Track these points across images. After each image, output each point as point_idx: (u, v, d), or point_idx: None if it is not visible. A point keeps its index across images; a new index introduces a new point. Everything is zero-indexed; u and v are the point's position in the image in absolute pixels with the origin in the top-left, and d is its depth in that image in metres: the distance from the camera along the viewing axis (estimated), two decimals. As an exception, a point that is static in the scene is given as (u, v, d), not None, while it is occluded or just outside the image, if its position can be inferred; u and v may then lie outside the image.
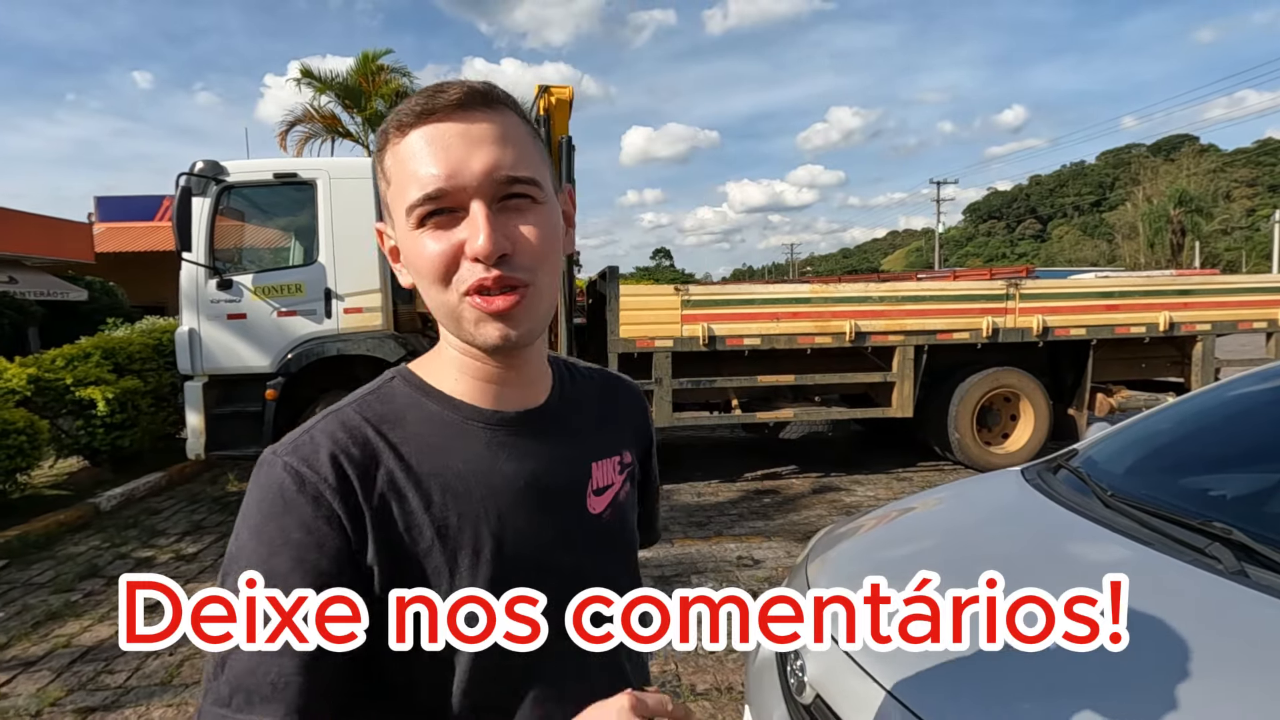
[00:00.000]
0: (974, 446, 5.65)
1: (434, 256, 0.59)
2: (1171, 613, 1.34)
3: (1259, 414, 2.10)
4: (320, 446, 0.60)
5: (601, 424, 0.77)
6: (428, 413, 0.66)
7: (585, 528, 0.70)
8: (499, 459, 0.65)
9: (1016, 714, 1.15)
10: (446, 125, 0.58)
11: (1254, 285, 5.89)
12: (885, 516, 2.11)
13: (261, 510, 0.58)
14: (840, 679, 1.40)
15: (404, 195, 0.59)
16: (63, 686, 2.80)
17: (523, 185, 0.60)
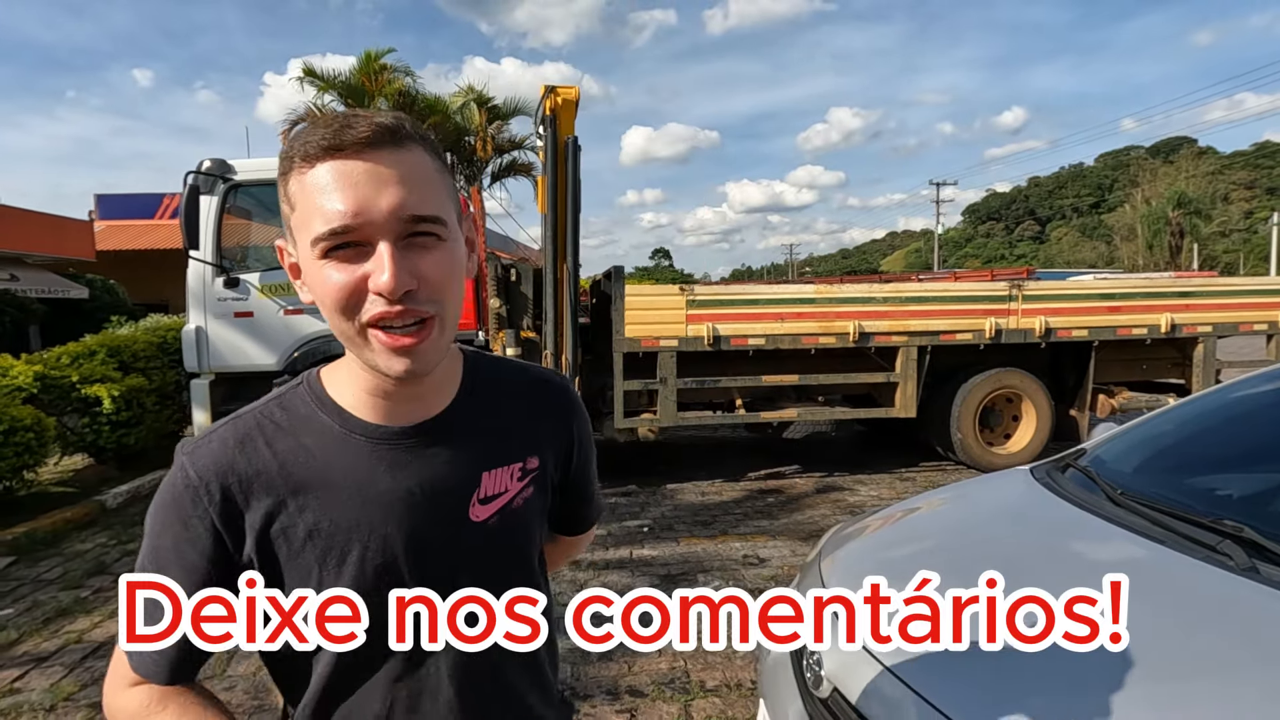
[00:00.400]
0: (976, 447, 5.68)
1: (338, 288, 0.61)
2: (1185, 608, 1.37)
3: (1264, 415, 2.13)
4: (213, 455, 0.68)
5: (507, 431, 0.80)
6: (319, 424, 0.71)
7: (463, 534, 0.74)
8: (377, 471, 0.70)
9: (1034, 707, 1.18)
10: (354, 163, 0.60)
11: (1255, 288, 5.92)
12: (897, 515, 2.13)
13: (161, 496, 0.69)
14: (858, 673, 1.42)
15: (309, 226, 0.61)
16: (75, 682, 2.82)
17: (428, 224, 0.63)
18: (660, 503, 5.09)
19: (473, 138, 11.93)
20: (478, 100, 11.99)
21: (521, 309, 5.60)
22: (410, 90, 11.58)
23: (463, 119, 11.90)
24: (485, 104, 12.06)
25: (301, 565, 0.69)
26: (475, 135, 11.80)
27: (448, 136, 11.38)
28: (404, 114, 0.67)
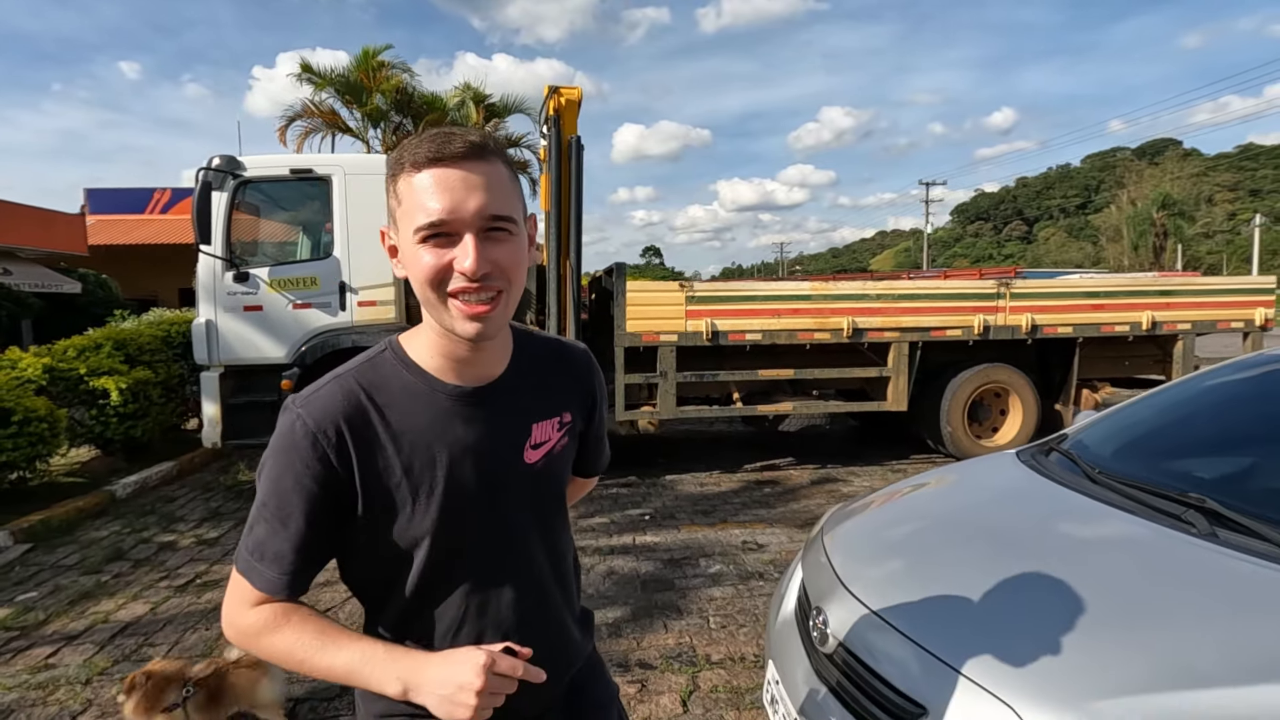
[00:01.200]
0: (965, 439, 5.87)
1: (430, 267, 0.78)
2: (1154, 567, 1.53)
3: (1231, 402, 2.31)
4: (325, 406, 0.83)
5: (548, 390, 0.97)
6: (405, 382, 0.87)
7: (519, 473, 0.92)
8: (453, 423, 0.87)
9: (1017, 649, 1.33)
10: (451, 171, 0.77)
11: (1232, 287, 6.14)
12: (894, 494, 2.29)
13: (278, 443, 0.83)
14: (861, 629, 1.58)
15: (413, 218, 0.78)
16: (107, 658, 2.93)
17: (502, 222, 0.79)
18: (661, 493, 5.24)
19: (470, 135, 12.06)
20: (475, 98, 12.09)
21: (525, 304, 5.73)
22: (408, 87, 11.64)
23: (460, 116, 11.99)
24: (482, 102, 12.16)
25: (399, 496, 0.84)
26: (472, 133, 11.92)
27: (445, 134, 11.48)
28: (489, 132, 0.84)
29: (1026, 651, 1.34)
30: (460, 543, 0.88)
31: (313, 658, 0.80)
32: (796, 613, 1.97)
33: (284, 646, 0.81)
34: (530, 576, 0.95)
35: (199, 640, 3.07)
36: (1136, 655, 1.26)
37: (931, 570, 1.74)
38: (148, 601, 3.48)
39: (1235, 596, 1.38)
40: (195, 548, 4.26)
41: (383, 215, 4.00)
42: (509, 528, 0.92)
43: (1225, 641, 1.27)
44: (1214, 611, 1.36)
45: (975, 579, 1.65)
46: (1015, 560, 1.69)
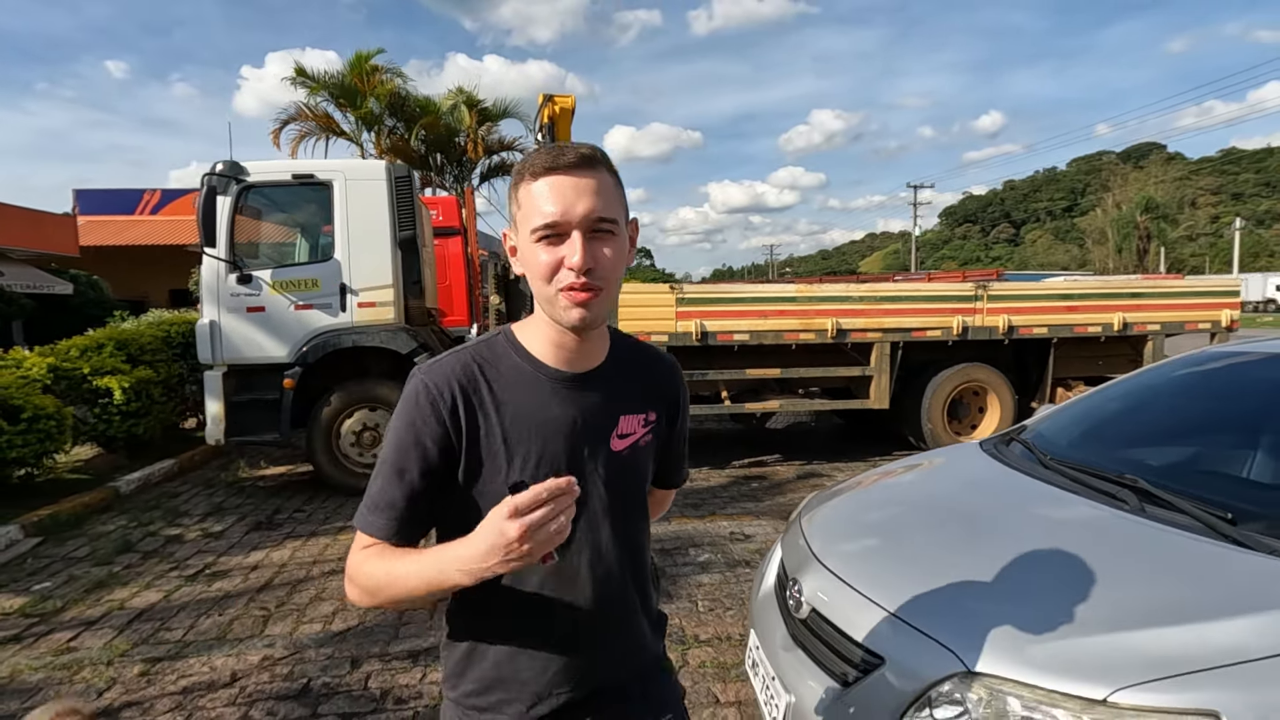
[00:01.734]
0: (945, 436, 6.09)
1: (545, 264, 0.89)
2: (1089, 538, 1.74)
3: (1173, 395, 2.53)
4: (445, 372, 0.95)
5: (637, 388, 1.05)
6: (513, 362, 0.98)
7: (605, 458, 1.00)
8: (553, 402, 0.97)
9: (965, 607, 1.53)
10: (564, 178, 0.88)
11: (1199, 289, 6.41)
12: (868, 480, 2.49)
13: (403, 404, 0.95)
14: (830, 594, 1.77)
15: (530, 220, 0.89)
16: (127, 641, 3.08)
17: (606, 224, 0.89)
18: (651, 488, 5.42)
19: (463, 138, 12.16)
20: (468, 102, 12.23)
21: (520, 305, 5.91)
22: (402, 91, 11.78)
23: (453, 120, 12.13)
24: (475, 106, 12.30)
25: (497, 460, 0.94)
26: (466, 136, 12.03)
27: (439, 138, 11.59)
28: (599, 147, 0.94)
29: (972, 608, 1.54)
30: None
31: (395, 576, 0.88)
32: (776, 587, 2.16)
33: (376, 570, 0.90)
34: (606, 563, 1.00)
35: (213, 625, 3.23)
36: (1066, 608, 1.46)
37: (895, 545, 1.94)
38: (160, 590, 3.63)
39: (1155, 559, 1.59)
40: (201, 540, 4.41)
41: (380, 220, 4.41)
42: (590, 508, 0.98)
43: (1142, 595, 1.47)
44: (1136, 572, 1.56)
45: (932, 551, 1.85)
46: (969, 535, 1.89)
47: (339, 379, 5.41)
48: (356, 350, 5.38)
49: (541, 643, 0.98)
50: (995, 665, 1.36)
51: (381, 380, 5.46)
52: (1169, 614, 1.38)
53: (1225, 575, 1.47)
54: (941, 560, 1.79)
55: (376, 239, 5.35)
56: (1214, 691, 1.19)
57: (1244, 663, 1.23)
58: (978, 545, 1.82)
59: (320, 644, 3.03)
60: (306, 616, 3.30)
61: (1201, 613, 1.35)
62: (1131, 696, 1.22)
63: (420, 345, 5.42)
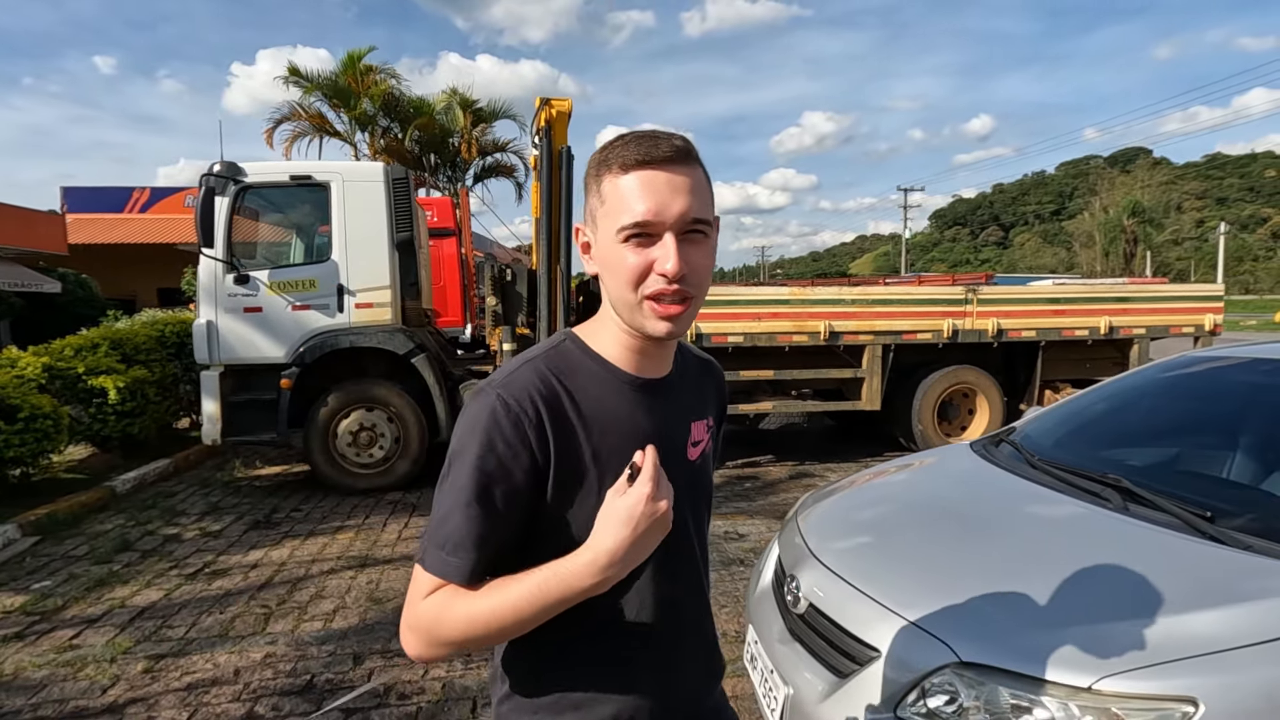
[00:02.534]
0: (936, 438, 6.18)
1: (633, 267, 0.79)
2: (1076, 535, 1.81)
3: (1156, 398, 2.61)
4: (524, 385, 0.82)
5: (699, 394, 1.01)
6: (591, 370, 0.88)
7: (684, 468, 0.93)
8: (636, 411, 0.88)
9: (957, 600, 1.60)
10: (658, 173, 0.78)
11: (1183, 294, 6.54)
12: (862, 479, 2.56)
13: (478, 425, 0.81)
14: (827, 589, 1.83)
15: (617, 217, 0.79)
16: (129, 639, 3.11)
17: (701, 225, 0.81)
18: (646, 488, 5.47)
19: (457, 139, 12.18)
20: (462, 103, 12.24)
21: (516, 307, 5.95)
22: (396, 91, 11.79)
23: (447, 120, 12.15)
24: (469, 106, 12.32)
25: (587, 479, 0.84)
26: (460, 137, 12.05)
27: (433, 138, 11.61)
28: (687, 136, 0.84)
29: (964, 602, 1.60)
30: None
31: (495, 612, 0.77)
32: (773, 583, 2.22)
33: (461, 614, 0.78)
34: (690, 577, 0.96)
35: (214, 622, 3.26)
36: (1053, 601, 1.53)
37: (889, 542, 2.01)
38: (160, 588, 3.65)
39: (1138, 555, 1.66)
40: (200, 539, 4.43)
41: (378, 222, 4.47)
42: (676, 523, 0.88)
43: (1125, 588, 1.54)
44: (1119, 567, 1.63)
45: (925, 548, 1.92)
46: (960, 532, 1.96)
47: (336, 379, 5.44)
48: (354, 351, 5.41)
49: (621, 664, 0.91)
50: (985, 655, 1.43)
51: (379, 380, 5.49)
52: (1150, 606, 1.45)
53: (1203, 570, 1.55)
54: (934, 556, 1.86)
55: (374, 240, 5.38)
56: (1192, 679, 1.27)
57: (1220, 652, 1.30)
58: (969, 542, 1.89)
59: (322, 641, 3.07)
60: (308, 614, 3.33)
61: (1180, 605, 1.43)
62: (1115, 684, 1.28)
63: (417, 346, 5.46)
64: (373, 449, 5.44)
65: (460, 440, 0.83)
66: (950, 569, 1.75)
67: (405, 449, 5.46)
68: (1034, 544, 1.81)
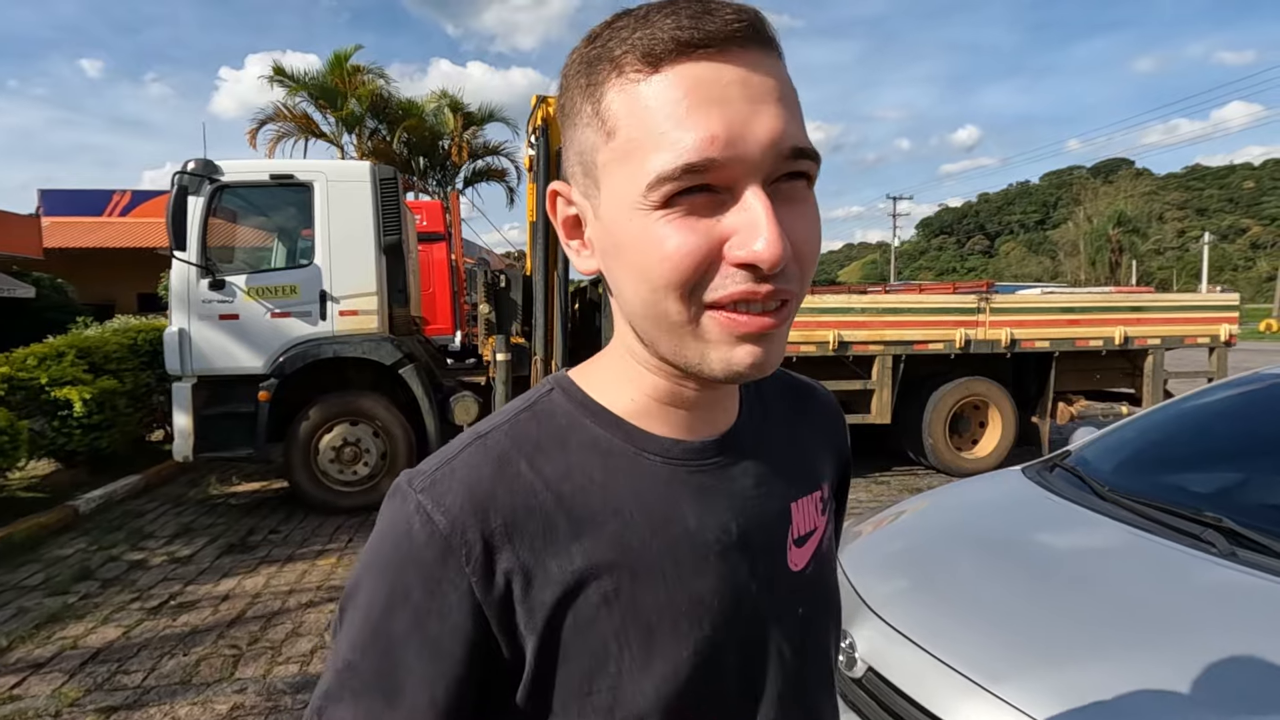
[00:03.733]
0: (947, 452, 5.94)
1: (683, 254, 0.42)
2: (1178, 586, 1.55)
3: (1222, 419, 2.36)
4: (464, 486, 0.47)
5: (798, 449, 0.60)
6: (590, 438, 0.51)
7: (786, 585, 0.55)
8: (681, 503, 0.50)
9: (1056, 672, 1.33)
10: (723, 67, 0.42)
11: (1199, 303, 6.35)
12: (904, 511, 2.29)
13: (383, 552, 0.47)
14: (893, 652, 1.56)
15: (644, 159, 0.42)
16: (78, 687, 2.78)
17: (806, 162, 0.44)
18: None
19: (447, 142, 11.89)
20: (452, 105, 11.97)
21: (510, 315, 5.66)
22: (384, 92, 11.49)
23: (437, 123, 11.86)
24: (460, 109, 12.04)
25: (591, 647, 0.47)
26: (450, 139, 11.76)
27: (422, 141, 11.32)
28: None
29: (1065, 675, 1.33)
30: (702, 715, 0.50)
31: None
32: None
33: None
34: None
35: (177, 666, 2.93)
36: (1169, 676, 1.26)
37: (958, 591, 1.74)
38: (120, 625, 3.32)
39: (1264, 616, 1.40)
40: (168, 566, 4.09)
41: (364, 224, 4.04)
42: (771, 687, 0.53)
43: (1257, 663, 1.28)
44: (1243, 631, 1.37)
45: (1004, 599, 1.65)
46: (1041, 579, 1.69)
47: (318, 391, 5.12)
48: (337, 361, 5.09)
49: None
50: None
51: (364, 392, 5.18)
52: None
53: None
54: (1015, 610, 1.59)
55: (360, 244, 5.08)
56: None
57: None
58: (1052, 593, 1.62)
59: (297, 688, 2.75)
60: (282, 655, 3.01)
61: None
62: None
63: (405, 355, 5.15)
64: (357, 465, 5.11)
65: (359, 572, 0.48)
66: (1038, 629, 1.48)
67: (392, 465, 5.14)
68: (1131, 597, 1.54)
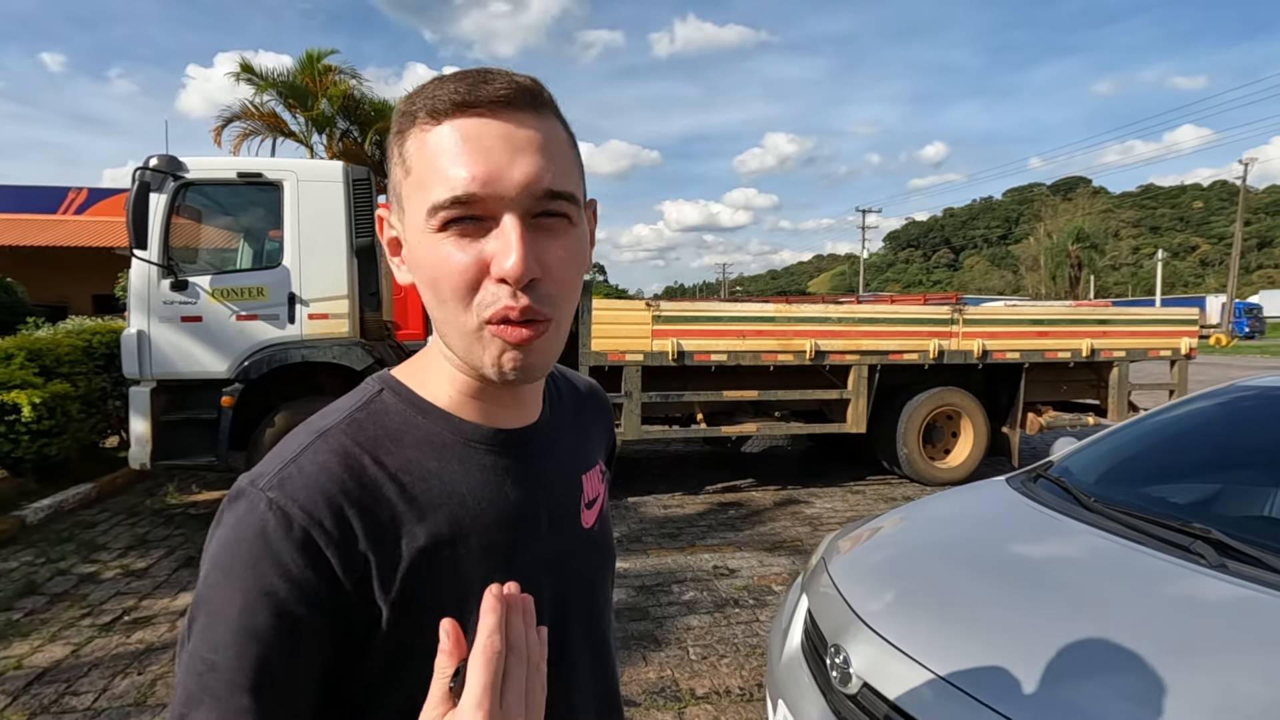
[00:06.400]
0: (921, 461, 5.99)
1: (457, 270, 0.52)
2: (1172, 599, 1.54)
3: (1205, 431, 2.39)
4: (314, 480, 0.53)
5: (584, 434, 0.76)
6: (422, 432, 0.59)
7: (582, 544, 0.69)
8: (505, 483, 0.61)
9: (1059, 689, 1.30)
10: (489, 122, 0.52)
11: (1163, 317, 6.53)
12: (893, 521, 2.27)
13: (238, 554, 0.50)
14: (891, 670, 1.52)
15: (427, 192, 0.52)
16: (22, 710, 2.60)
17: (561, 202, 0.54)
18: (625, 516, 5.13)
19: (420, 145, 11.75)
20: (426, 108, 11.82)
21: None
22: (356, 93, 11.28)
23: (410, 126, 11.70)
24: (433, 112, 11.90)
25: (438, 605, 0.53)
26: (423, 143, 11.61)
27: (395, 143, 11.17)
28: (538, 78, 0.57)
29: (1064, 691, 1.31)
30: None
31: None
32: (805, 647, 1.90)
33: None
34: (600, 684, 0.72)
35: (130, 686, 2.77)
36: (1178, 691, 1.25)
37: (948, 602, 1.71)
38: (68, 643, 3.13)
39: (1257, 628, 1.40)
40: (121, 579, 3.89)
41: (336, 225, 3.90)
42: (575, 619, 0.68)
43: (1258, 674, 1.27)
44: (1240, 644, 1.37)
45: (996, 613, 1.63)
46: (1031, 592, 1.68)
47: (285, 397, 4.94)
48: (305, 366, 4.93)
49: None
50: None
51: (333, 398, 5.01)
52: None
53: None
54: (1009, 624, 1.57)
55: (331, 246, 4.94)
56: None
57: None
58: (1045, 606, 1.60)
59: (261, 708, 2.62)
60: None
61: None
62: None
63: (376, 361, 5.01)
64: (324, 474, 4.94)
65: (210, 578, 0.51)
66: (1033, 643, 1.46)
67: (361, 474, 4.98)
68: (1128, 610, 1.53)
